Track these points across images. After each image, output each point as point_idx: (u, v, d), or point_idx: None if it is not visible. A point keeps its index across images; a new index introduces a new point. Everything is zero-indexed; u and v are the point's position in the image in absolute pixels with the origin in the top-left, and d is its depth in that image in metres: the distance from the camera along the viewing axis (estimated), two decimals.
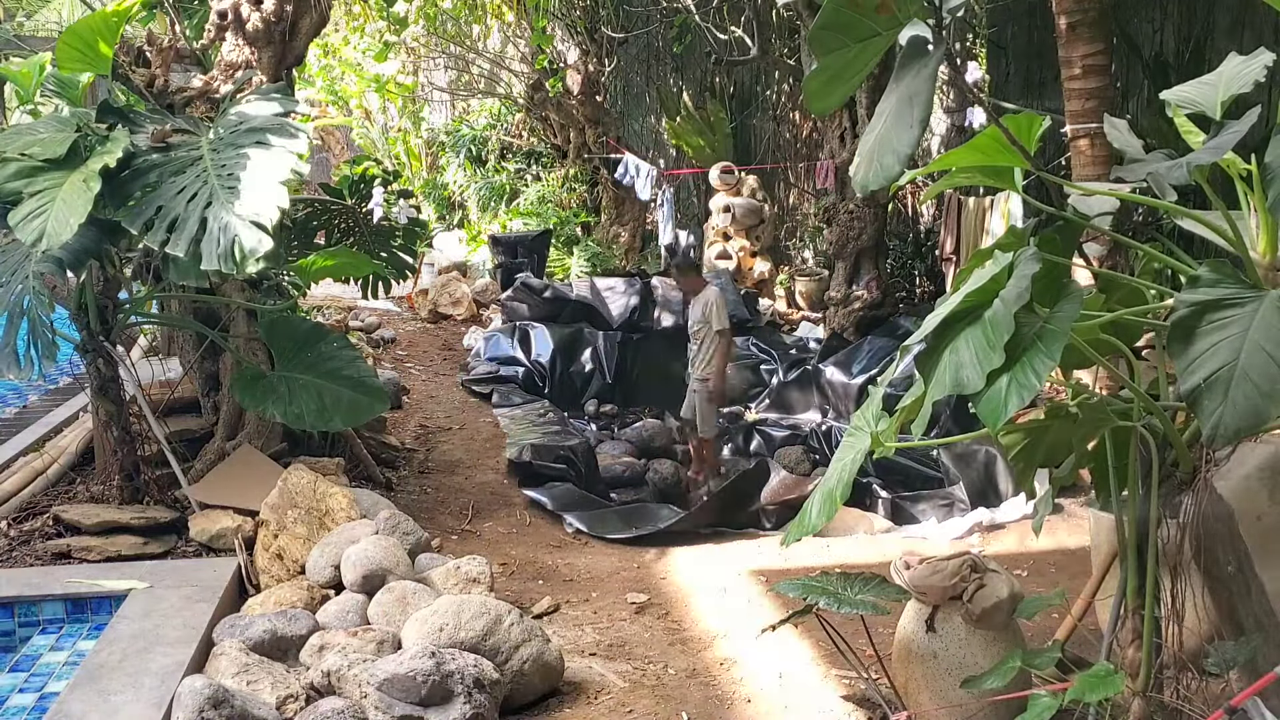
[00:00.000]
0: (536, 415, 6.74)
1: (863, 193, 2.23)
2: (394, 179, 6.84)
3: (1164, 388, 2.51)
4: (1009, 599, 2.84)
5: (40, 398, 6.11)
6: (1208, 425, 1.91)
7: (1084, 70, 5.03)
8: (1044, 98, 7.50)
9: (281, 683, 3.07)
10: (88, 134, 3.94)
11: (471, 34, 12.26)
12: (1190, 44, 6.81)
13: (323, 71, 12.56)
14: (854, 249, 8.09)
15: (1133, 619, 2.50)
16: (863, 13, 2.07)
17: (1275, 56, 2.53)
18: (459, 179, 12.65)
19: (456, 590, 3.68)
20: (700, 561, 4.59)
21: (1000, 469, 5.50)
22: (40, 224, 3.55)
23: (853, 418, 2.77)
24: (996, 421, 2.08)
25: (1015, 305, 2.11)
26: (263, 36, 4.81)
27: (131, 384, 4.45)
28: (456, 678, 2.93)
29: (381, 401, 4.61)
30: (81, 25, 4.13)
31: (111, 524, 4.12)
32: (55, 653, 3.45)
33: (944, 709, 2.81)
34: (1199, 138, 2.48)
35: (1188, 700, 2.41)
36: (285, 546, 3.97)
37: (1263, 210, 2.24)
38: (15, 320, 3.68)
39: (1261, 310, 1.96)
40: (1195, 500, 2.43)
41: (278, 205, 3.66)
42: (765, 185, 10.17)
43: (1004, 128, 2.20)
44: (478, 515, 5.11)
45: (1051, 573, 4.24)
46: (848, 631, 3.13)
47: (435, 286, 10.10)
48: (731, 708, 3.20)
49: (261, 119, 4.05)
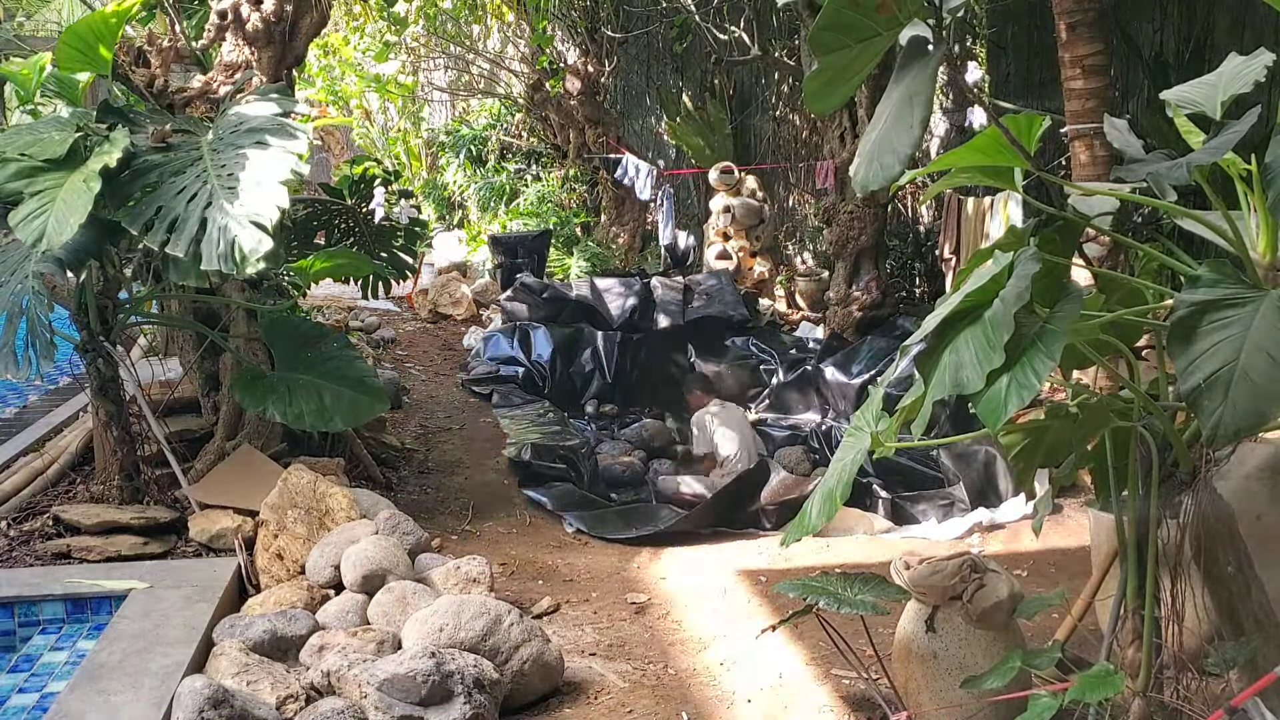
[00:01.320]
0: (536, 415, 6.74)
1: (863, 193, 2.23)
2: (394, 179, 6.83)
3: (1164, 388, 2.51)
4: (1009, 599, 2.84)
5: (40, 398, 6.11)
6: (1208, 425, 1.91)
7: (1084, 70, 5.04)
8: (1044, 98, 7.50)
9: (281, 683, 3.07)
10: (88, 134, 3.94)
11: (471, 34, 12.25)
12: (1190, 44, 6.80)
13: (323, 71, 12.56)
14: (854, 249, 8.09)
15: (1133, 619, 2.50)
16: (863, 13, 2.07)
17: (1275, 56, 2.52)
18: (459, 179, 12.65)
19: (456, 590, 3.68)
20: (700, 562, 4.59)
21: (1000, 469, 5.50)
22: (40, 224, 3.55)
23: (853, 418, 2.77)
24: (996, 421, 2.08)
25: (1015, 305, 2.10)
26: (263, 36, 4.81)
27: (131, 384, 4.45)
28: (457, 678, 2.93)
29: (382, 402, 4.61)
30: (81, 25, 4.13)
31: (111, 524, 4.12)
32: (55, 653, 3.45)
33: (944, 709, 2.81)
34: (1199, 138, 2.48)
35: (1188, 700, 2.41)
36: (285, 546, 3.97)
37: (1263, 210, 2.23)
38: (14, 320, 3.68)
39: (1261, 310, 1.96)
40: (1195, 500, 2.43)
41: (278, 205, 3.66)
42: (765, 185, 10.17)
43: (1004, 128, 2.19)
44: (478, 515, 5.11)
45: (1051, 573, 4.24)
46: (848, 632, 3.13)
47: (435, 286, 10.10)
48: (731, 708, 3.20)
49: (261, 119, 4.05)
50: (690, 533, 5.00)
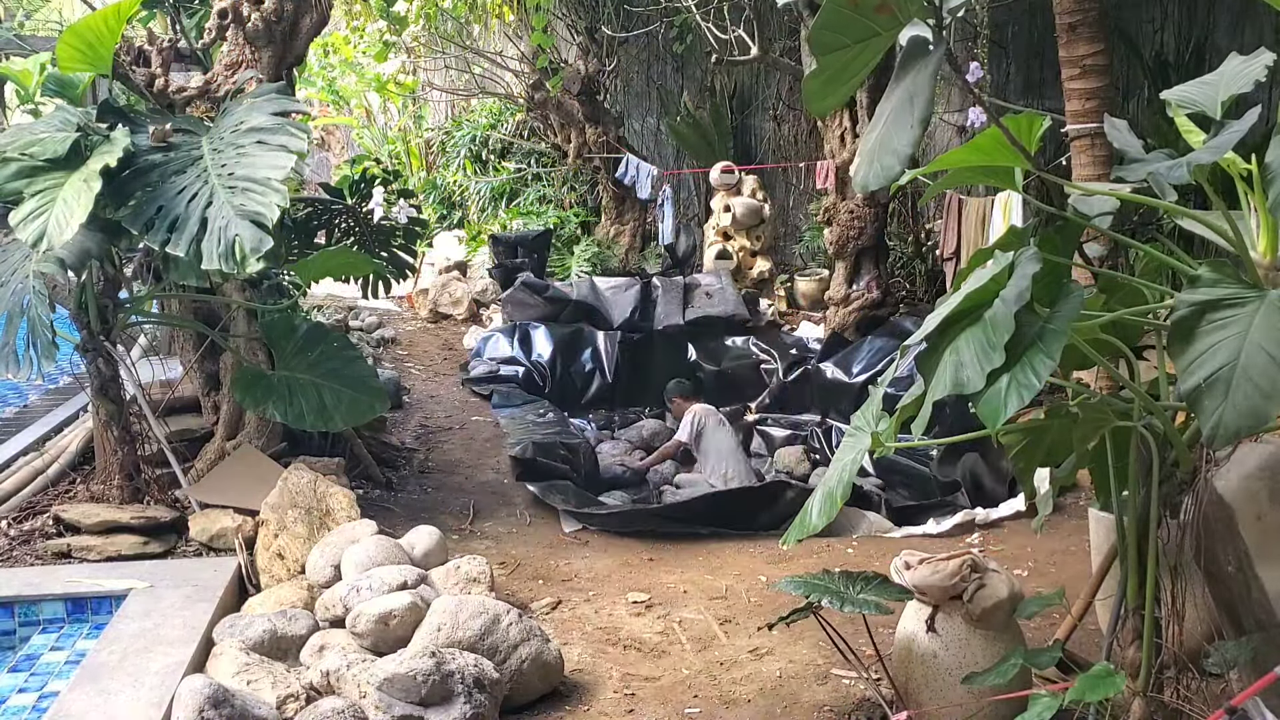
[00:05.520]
0: (537, 415, 6.75)
1: (863, 192, 2.24)
2: (394, 179, 6.83)
3: (1164, 388, 2.51)
4: (1009, 599, 2.84)
5: (40, 397, 6.10)
6: (1208, 425, 1.91)
7: (1084, 70, 5.03)
8: (1044, 98, 7.50)
9: (281, 682, 3.07)
10: (88, 134, 3.94)
11: (471, 34, 12.24)
12: (1190, 44, 6.81)
13: (323, 71, 12.56)
14: (854, 249, 8.09)
15: (1133, 619, 2.50)
16: (863, 13, 2.07)
17: (1275, 56, 2.53)
18: (459, 179, 12.64)
19: (456, 590, 3.68)
20: (701, 561, 4.59)
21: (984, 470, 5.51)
22: (41, 224, 3.55)
23: (853, 418, 2.77)
24: (996, 421, 2.08)
25: (1015, 305, 2.11)
26: (263, 36, 4.81)
27: (131, 384, 4.45)
28: (457, 677, 2.93)
29: (382, 401, 4.61)
30: (81, 25, 4.12)
31: (111, 524, 4.12)
32: (55, 652, 3.45)
33: (944, 709, 2.81)
34: (1199, 137, 2.48)
35: (1188, 700, 2.41)
36: (285, 546, 3.97)
37: (1263, 210, 2.23)
38: (15, 320, 3.68)
39: (1261, 310, 1.96)
40: (1195, 500, 2.43)
41: (278, 204, 3.66)
42: (765, 185, 10.17)
43: (1004, 128, 2.20)
44: (478, 515, 5.11)
45: (1051, 573, 4.25)
46: (848, 631, 3.13)
47: (435, 286, 10.09)
48: (732, 707, 3.20)
49: (261, 119, 4.05)
50: (691, 533, 5.00)
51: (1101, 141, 4.87)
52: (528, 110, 12.01)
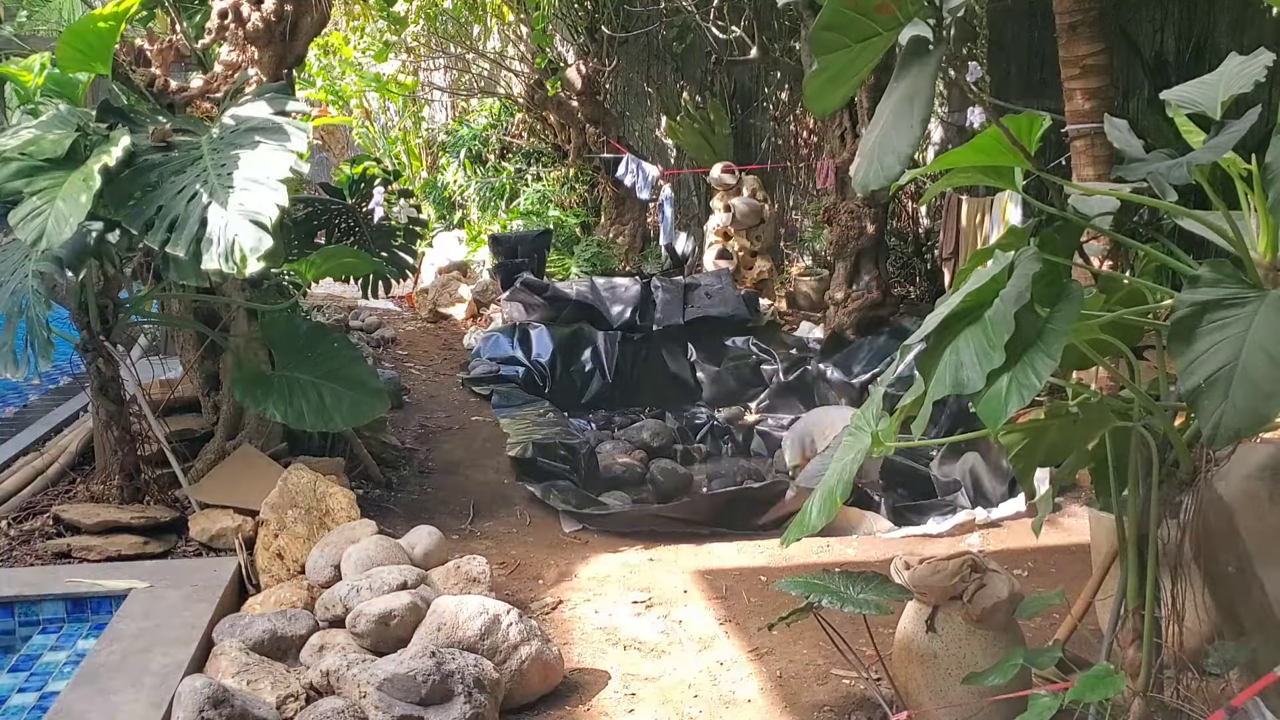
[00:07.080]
0: (536, 415, 6.74)
1: (863, 192, 2.23)
2: (394, 179, 6.84)
3: (1164, 388, 2.51)
4: (1009, 599, 2.84)
5: (40, 397, 6.11)
6: (1208, 425, 1.91)
7: (1084, 70, 5.03)
8: (1044, 98, 7.49)
9: (281, 682, 3.07)
10: (88, 134, 3.94)
11: (471, 34, 12.24)
12: (1190, 44, 6.81)
13: (323, 71, 12.54)
14: (854, 249, 8.09)
15: (1133, 619, 2.50)
16: (863, 13, 2.07)
17: (1275, 56, 2.53)
18: (459, 179, 12.64)
19: (457, 590, 3.68)
20: (701, 561, 4.59)
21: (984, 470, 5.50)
22: (40, 223, 3.54)
23: (853, 418, 2.77)
24: (996, 421, 2.08)
25: (1015, 305, 2.10)
26: (263, 36, 4.81)
27: (131, 384, 4.45)
28: (457, 677, 2.93)
29: (382, 402, 4.61)
30: (81, 25, 4.12)
31: (111, 524, 4.12)
32: (55, 652, 3.45)
33: (944, 709, 2.81)
34: (1199, 137, 2.48)
35: (1188, 700, 2.41)
36: (285, 546, 3.97)
37: (1263, 210, 2.23)
38: (14, 319, 3.68)
39: (1262, 310, 1.96)
40: (1195, 500, 2.43)
41: (278, 204, 3.66)
42: (765, 185, 10.17)
43: (1004, 128, 2.19)
44: (478, 515, 5.11)
45: (1051, 573, 4.24)
46: (848, 631, 3.13)
47: (435, 286, 10.10)
48: (732, 708, 3.20)
49: (261, 119, 4.05)
50: (691, 533, 5.00)
51: (1101, 141, 4.88)
52: (528, 110, 12.02)
